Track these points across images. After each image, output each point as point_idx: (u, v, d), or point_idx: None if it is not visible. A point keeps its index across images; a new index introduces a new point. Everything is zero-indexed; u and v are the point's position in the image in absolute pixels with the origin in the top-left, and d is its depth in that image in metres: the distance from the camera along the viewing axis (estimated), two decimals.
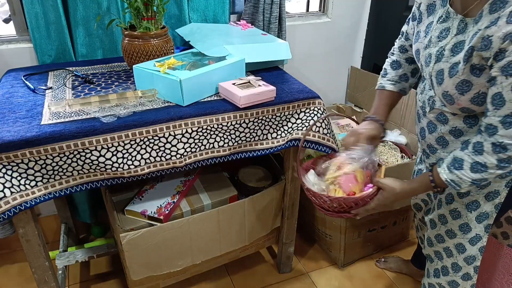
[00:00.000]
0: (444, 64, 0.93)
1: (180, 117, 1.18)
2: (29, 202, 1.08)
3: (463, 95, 0.91)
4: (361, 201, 1.08)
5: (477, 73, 0.87)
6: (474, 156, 0.90)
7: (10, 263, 1.81)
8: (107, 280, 1.74)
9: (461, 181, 0.94)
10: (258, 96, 1.26)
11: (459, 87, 0.91)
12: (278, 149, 1.37)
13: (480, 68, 0.86)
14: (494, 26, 0.80)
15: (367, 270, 1.84)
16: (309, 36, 2.12)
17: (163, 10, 1.41)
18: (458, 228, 1.13)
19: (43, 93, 1.30)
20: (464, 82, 0.89)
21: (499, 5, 0.80)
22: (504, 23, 0.78)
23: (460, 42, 0.90)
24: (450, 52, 0.92)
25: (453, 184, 0.95)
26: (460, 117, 0.99)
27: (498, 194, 1.05)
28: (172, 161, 1.20)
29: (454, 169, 0.94)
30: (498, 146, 0.86)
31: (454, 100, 0.94)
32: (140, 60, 1.39)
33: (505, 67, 0.79)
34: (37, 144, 1.04)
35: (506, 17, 0.78)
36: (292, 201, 1.60)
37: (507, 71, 0.79)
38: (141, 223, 1.34)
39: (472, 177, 0.92)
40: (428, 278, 1.29)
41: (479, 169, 0.90)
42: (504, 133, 0.85)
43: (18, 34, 1.61)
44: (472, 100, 0.91)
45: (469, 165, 0.91)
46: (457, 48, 0.90)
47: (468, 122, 0.98)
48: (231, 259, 1.64)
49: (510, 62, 0.78)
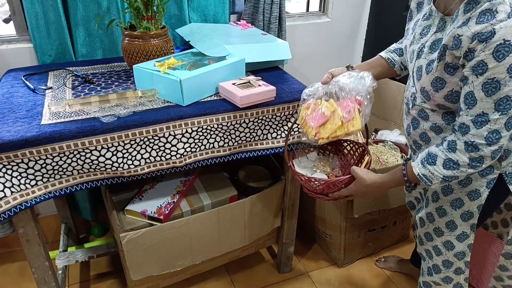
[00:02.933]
0: (423, 60, 0.95)
1: (180, 117, 1.18)
2: (29, 201, 1.08)
3: (438, 92, 0.93)
4: (333, 185, 1.12)
5: (451, 72, 0.88)
6: (447, 153, 0.92)
7: (10, 263, 1.81)
8: (107, 280, 1.74)
9: (433, 177, 0.95)
10: (258, 96, 1.26)
11: (434, 84, 0.92)
12: (279, 150, 1.37)
13: (454, 67, 0.87)
14: (465, 26, 0.81)
15: (367, 270, 1.84)
16: (309, 36, 2.12)
17: (163, 10, 1.41)
18: (445, 226, 1.15)
19: (43, 93, 1.30)
20: (438, 79, 0.91)
21: (472, 5, 0.81)
22: (473, 23, 0.79)
23: (438, 40, 0.92)
24: (428, 49, 0.94)
25: (425, 179, 0.96)
26: (439, 114, 1.00)
27: (479, 194, 1.06)
28: (172, 161, 1.21)
29: (427, 164, 0.95)
30: (470, 145, 0.88)
31: (430, 97, 0.96)
32: (140, 60, 1.39)
33: (475, 66, 0.80)
34: (37, 144, 1.04)
35: (476, 17, 0.79)
36: (292, 201, 1.60)
37: (477, 70, 0.80)
38: (141, 223, 1.34)
39: (443, 173, 0.93)
40: (423, 277, 1.31)
41: (451, 166, 0.92)
42: (476, 133, 0.86)
43: (18, 34, 1.61)
44: (446, 97, 0.93)
45: (442, 161, 0.92)
46: (435, 46, 0.92)
47: (446, 119, 1.00)
48: (231, 259, 1.64)
49: (479, 62, 0.79)
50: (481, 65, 0.79)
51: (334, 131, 1.08)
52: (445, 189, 1.11)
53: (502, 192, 1.07)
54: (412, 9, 1.08)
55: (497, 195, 1.08)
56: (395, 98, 1.98)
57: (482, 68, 0.79)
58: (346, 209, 1.65)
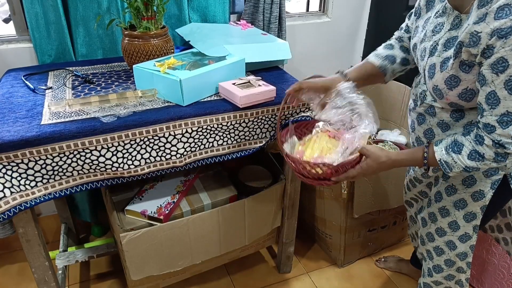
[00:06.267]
0: (437, 58, 0.94)
1: (180, 117, 1.18)
2: (29, 202, 1.08)
3: (452, 90, 0.92)
4: (342, 168, 1.06)
5: (466, 69, 0.87)
6: (474, 144, 0.90)
7: (10, 263, 1.81)
8: (107, 280, 1.74)
9: (455, 165, 0.94)
10: (258, 96, 1.26)
11: (448, 82, 0.91)
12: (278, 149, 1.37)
13: (469, 65, 0.86)
14: (482, 22, 0.79)
15: (367, 270, 1.84)
16: (309, 36, 2.12)
17: (163, 10, 1.41)
18: (448, 226, 1.15)
19: (43, 93, 1.30)
20: (452, 77, 0.90)
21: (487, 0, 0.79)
22: (491, 19, 0.77)
23: (453, 37, 0.90)
24: (442, 47, 0.92)
25: (445, 165, 0.95)
26: (448, 111, 1.00)
27: (483, 195, 1.06)
28: (172, 161, 1.21)
29: (451, 152, 0.94)
30: (497, 143, 0.87)
31: (443, 95, 0.95)
32: (140, 60, 1.39)
33: (494, 64, 0.78)
34: (37, 144, 1.04)
35: (493, 13, 0.77)
36: (292, 201, 1.60)
37: (497, 68, 0.78)
38: (141, 223, 1.34)
39: (466, 163, 0.92)
40: (423, 278, 1.31)
41: (476, 158, 0.91)
42: (502, 132, 0.85)
43: (18, 34, 1.60)
44: (460, 95, 0.91)
45: (468, 152, 0.91)
46: (449, 43, 0.91)
47: (454, 117, 0.99)
48: (231, 259, 1.64)
49: (499, 59, 0.77)
50: (501, 62, 0.77)
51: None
52: (449, 189, 1.10)
53: (506, 194, 1.07)
54: (421, 6, 1.05)
55: (501, 196, 1.07)
56: (395, 98, 1.98)
57: (503, 65, 0.77)
58: (346, 209, 1.65)
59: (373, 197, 1.65)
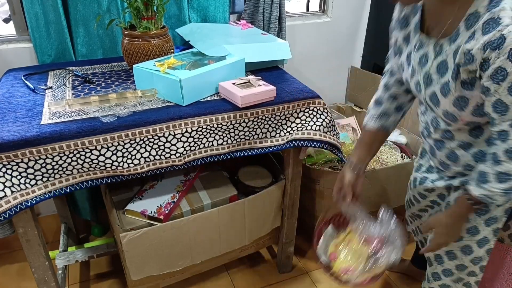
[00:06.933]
0: (435, 87, 0.94)
1: (180, 116, 1.18)
2: (29, 201, 1.08)
3: (464, 110, 0.91)
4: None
5: (469, 87, 0.87)
6: (494, 166, 0.89)
7: (10, 263, 1.81)
8: (107, 280, 1.74)
9: (493, 194, 0.91)
10: (258, 96, 1.26)
11: (456, 104, 0.91)
12: (277, 148, 1.37)
13: (471, 82, 0.86)
14: (472, 40, 0.81)
15: None
16: (309, 36, 2.12)
17: (163, 10, 1.41)
18: (466, 231, 1.12)
19: (43, 93, 1.30)
20: (459, 98, 0.90)
21: (473, 20, 0.81)
22: (480, 35, 0.79)
23: (442, 62, 0.91)
24: (436, 75, 0.93)
25: (487, 198, 0.93)
26: (465, 131, 0.99)
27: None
28: (171, 160, 1.21)
29: (481, 184, 0.92)
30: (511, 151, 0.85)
31: (456, 118, 0.94)
32: (140, 60, 1.39)
33: (493, 74, 0.79)
34: (37, 143, 1.04)
35: (481, 29, 0.79)
36: (292, 201, 1.60)
37: (496, 77, 0.79)
38: (141, 223, 1.34)
39: (500, 187, 0.89)
40: (429, 283, 1.28)
41: (504, 179, 0.88)
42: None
43: (18, 34, 1.61)
44: (474, 113, 0.91)
45: (494, 177, 0.90)
46: (442, 69, 0.91)
47: (474, 134, 0.98)
48: (231, 259, 1.64)
49: (497, 69, 0.78)
50: (499, 71, 0.78)
51: None
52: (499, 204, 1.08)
53: None
54: (400, 43, 1.06)
55: None
56: None
57: (502, 74, 0.78)
58: None
59: (374, 198, 1.65)
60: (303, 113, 1.37)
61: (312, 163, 1.73)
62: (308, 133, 1.36)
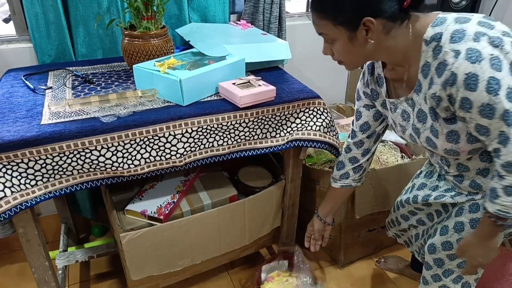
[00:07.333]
0: (425, 132, 1.02)
1: (180, 117, 1.18)
2: (29, 201, 1.08)
3: (459, 143, 0.97)
4: None
5: (452, 121, 0.94)
6: (499, 181, 0.92)
7: (10, 263, 1.81)
8: (107, 280, 1.74)
9: (506, 208, 0.93)
10: (258, 96, 1.26)
11: (450, 140, 0.97)
12: (278, 149, 1.37)
13: (451, 118, 0.94)
14: (433, 85, 0.90)
15: (367, 270, 1.83)
16: (309, 36, 2.12)
17: (163, 10, 1.41)
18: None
19: (43, 93, 1.30)
20: (449, 134, 0.97)
21: (427, 69, 0.92)
22: (437, 78, 0.89)
23: (419, 111, 1.00)
24: (420, 124, 1.02)
25: (502, 212, 0.95)
26: (476, 159, 1.04)
27: None
28: (172, 161, 1.20)
29: (493, 199, 0.95)
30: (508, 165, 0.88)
31: (457, 151, 1.00)
32: (140, 60, 1.39)
33: (461, 105, 0.87)
34: (37, 144, 1.04)
35: (435, 74, 0.89)
36: (292, 201, 1.60)
37: (465, 107, 0.86)
38: (141, 223, 1.34)
39: (510, 200, 0.92)
40: (426, 285, 1.28)
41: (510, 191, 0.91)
42: (506, 152, 0.87)
43: (18, 34, 1.61)
44: (469, 141, 0.96)
45: (502, 191, 0.92)
46: (421, 117, 1.00)
47: (485, 159, 1.03)
48: (231, 259, 1.64)
49: (462, 100, 0.86)
50: (464, 101, 0.85)
51: None
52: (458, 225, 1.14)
53: None
54: (381, 111, 1.19)
55: None
56: None
57: (468, 103, 0.85)
58: (346, 209, 1.65)
59: (374, 198, 1.65)
60: (303, 113, 1.37)
61: (312, 163, 1.73)
62: (308, 133, 1.37)
